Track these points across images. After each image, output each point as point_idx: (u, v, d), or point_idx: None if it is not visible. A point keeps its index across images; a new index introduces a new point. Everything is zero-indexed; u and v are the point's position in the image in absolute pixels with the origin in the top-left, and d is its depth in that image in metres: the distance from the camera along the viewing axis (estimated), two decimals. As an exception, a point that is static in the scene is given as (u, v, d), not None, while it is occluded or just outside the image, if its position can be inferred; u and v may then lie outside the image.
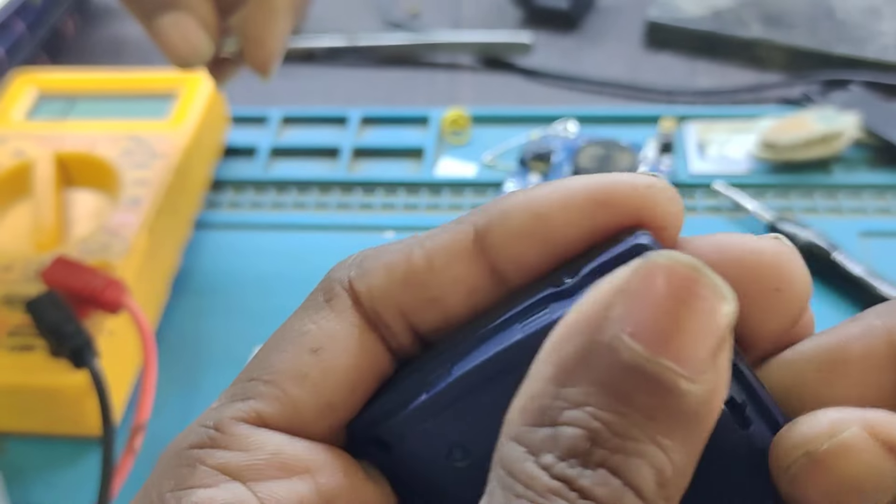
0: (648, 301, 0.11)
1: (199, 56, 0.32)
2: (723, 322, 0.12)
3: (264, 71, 0.33)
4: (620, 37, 0.54)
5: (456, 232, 0.14)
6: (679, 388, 0.11)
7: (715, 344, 0.12)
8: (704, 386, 0.11)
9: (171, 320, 0.39)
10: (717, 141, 0.45)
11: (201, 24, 0.32)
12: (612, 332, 0.11)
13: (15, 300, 0.35)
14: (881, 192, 0.42)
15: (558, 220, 0.13)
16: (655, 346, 0.11)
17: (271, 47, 0.33)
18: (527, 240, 0.14)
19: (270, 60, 0.33)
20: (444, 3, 0.58)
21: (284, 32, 0.33)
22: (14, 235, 0.39)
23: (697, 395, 0.11)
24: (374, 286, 0.14)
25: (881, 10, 0.51)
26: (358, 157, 0.47)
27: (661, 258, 0.12)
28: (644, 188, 0.13)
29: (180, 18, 0.32)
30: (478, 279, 0.14)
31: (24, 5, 0.52)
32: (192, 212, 0.43)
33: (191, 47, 0.32)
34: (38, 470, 0.34)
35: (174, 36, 0.32)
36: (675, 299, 0.11)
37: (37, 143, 0.42)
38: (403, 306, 0.14)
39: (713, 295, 0.12)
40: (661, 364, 0.11)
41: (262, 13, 0.32)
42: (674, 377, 0.11)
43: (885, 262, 0.39)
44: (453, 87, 0.52)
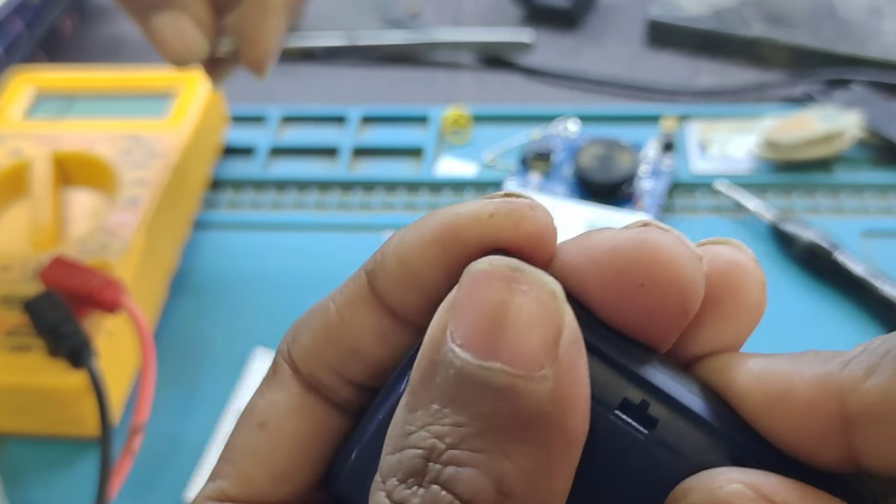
0: (471, 308, 0.11)
1: (194, 55, 0.32)
2: (552, 315, 0.11)
3: (259, 70, 0.34)
4: (621, 35, 0.54)
5: (356, 282, 0.14)
6: (516, 389, 0.11)
7: (548, 337, 0.11)
8: (546, 383, 0.11)
9: (170, 320, 0.39)
10: (719, 140, 0.45)
11: (196, 23, 0.32)
12: (445, 347, 0.11)
13: (13, 300, 0.35)
14: (883, 192, 0.42)
15: (418, 265, 0.13)
16: (484, 351, 0.11)
17: (266, 46, 0.33)
18: (401, 286, 0.14)
19: (265, 59, 0.33)
20: (444, 2, 0.58)
21: (279, 31, 0.33)
22: (12, 235, 0.39)
23: (539, 393, 0.11)
24: (303, 350, 0.14)
25: (883, 9, 0.51)
26: (358, 156, 0.46)
27: (477, 266, 0.12)
28: (486, 218, 0.13)
29: (175, 17, 0.32)
30: (382, 324, 0.14)
31: (22, 4, 0.52)
32: (191, 211, 0.42)
33: (186, 46, 0.32)
34: (36, 470, 0.34)
35: (169, 35, 0.32)
36: (494, 301, 0.11)
37: (35, 142, 0.41)
38: (332, 363, 0.14)
39: (535, 290, 0.11)
40: (491, 368, 0.11)
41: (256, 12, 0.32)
42: (508, 378, 0.11)
43: (888, 261, 0.38)
44: (453, 85, 0.51)
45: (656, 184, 0.42)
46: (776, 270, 0.39)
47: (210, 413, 0.35)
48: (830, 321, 0.37)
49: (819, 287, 0.38)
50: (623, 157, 0.42)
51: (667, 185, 0.42)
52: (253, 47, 0.33)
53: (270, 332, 0.38)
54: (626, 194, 0.41)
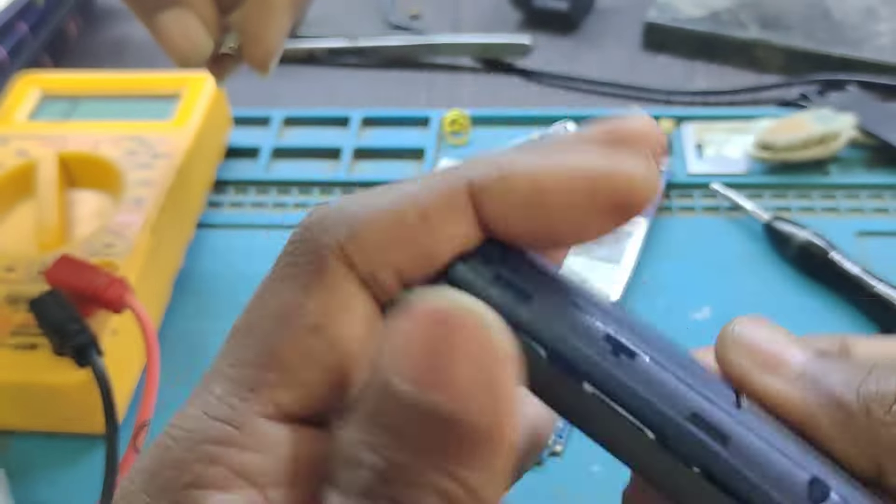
0: (412, 343, 0.12)
1: (199, 53, 0.32)
2: (487, 349, 0.12)
3: (263, 68, 0.34)
4: (619, 38, 0.55)
5: (450, 189, 0.14)
6: (459, 420, 0.12)
7: (484, 369, 0.12)
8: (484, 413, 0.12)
9: (174, 319, 0.39)
10: (716, 142, 0.45)
11: (201, 21, 0.32)
12: (385, 373, 0.12)
13: (19, 299, 0.35)
14: (878, 192, 0.43)
15: (559, 201, 0.13)
16: (423, 384, 0.12)
17: (270, 44, 0.33)
18: (523, 211, 0.14)
19: (269, 57, 0.33)
20: (444, 6, 0.58)
21: (283, 30, 0.33)
22: (18, 235, 0.39)
23: (480, 422, 0.12)
24: (369, 250, 0.14)
25: (878, 11, 0.52)
26: (359, 157, 0.47)
27: (416, 300, 0.12)
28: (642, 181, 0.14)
29: (181, 15, 0.32)
30: (470, 234, 0.14)
31: (27, 7, 0.52)
32: (195, 212, 0.43)
33: (191, 44, 0.32)
34: (41, 468, 0.34)
35: (175, 33, 0.32)
36: (432, 339, 0.12)
37: (40, 143, 0.42)
38: (399, 265, 0.14)
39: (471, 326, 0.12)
40: (430, 400, 0.12)
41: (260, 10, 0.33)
42: (446, 409, 0.12)
43: (882, 261, 0.39)
44: (453, 88, 0.52)
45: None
46: (772, 269, 0.39)
47: (214, 410, 0.36)
48: (825, 320, 0.37)
49: (814, 286, 0.39)
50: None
51: (663, 185, 0.43)
52: (257, 45, 0.33)
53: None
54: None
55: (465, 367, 0.12)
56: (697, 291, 0.39)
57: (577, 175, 0.13)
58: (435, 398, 0.12)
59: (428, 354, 0.12)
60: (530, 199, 0.14)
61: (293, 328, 0.13)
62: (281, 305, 0.14)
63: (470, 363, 0.12)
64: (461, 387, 0.12)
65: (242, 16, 0.33)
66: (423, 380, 0.12)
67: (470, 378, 0.12)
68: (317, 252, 0.14)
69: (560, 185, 0.13)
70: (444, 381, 0.12)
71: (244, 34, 0.33)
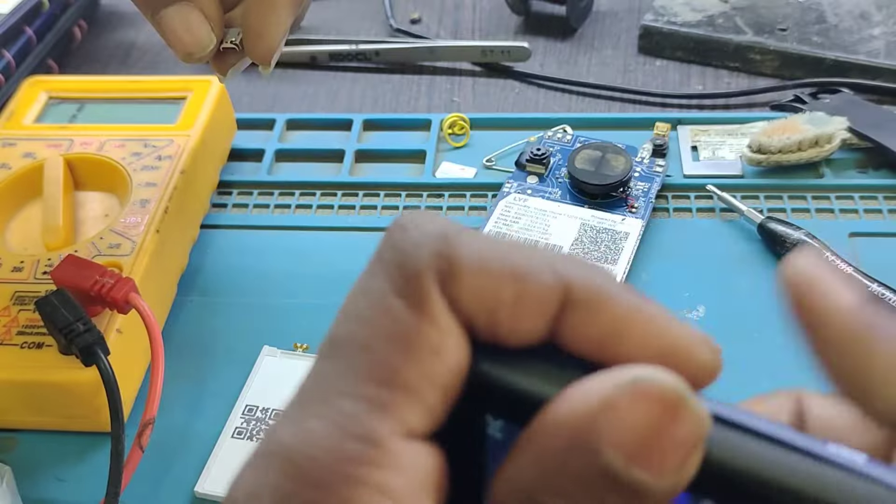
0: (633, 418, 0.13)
1: (202, 48, 0.33)
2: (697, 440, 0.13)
3: (265, 62, 0.34)
4: (616, 43, 0.55)
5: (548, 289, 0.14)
6: (646, 489, 0.13)
7: (689, 455, 0.13)
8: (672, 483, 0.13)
9: (179, 318, 0.40)
10: (711, 144, 0.46)
11: (205, 16, 0.32)
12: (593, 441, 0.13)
13: (25, 299, 0.36)
14: (871, 194, 0.43)
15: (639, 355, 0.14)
16: (634, 458, 0.13)
17: (272, 39, 0.33)
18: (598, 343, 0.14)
19: (271, 52, 0.34)
20: (444, 11, 0.59)
21: (284, 25, 0.33)
22: (25, 236, 0.39)
23: (664, 491, 0.13)
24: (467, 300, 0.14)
25: (871, 14, 0.52)
26: (360, 160, 0.47)
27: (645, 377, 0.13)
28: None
29: (184, 10, 0.32)
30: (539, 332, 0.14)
31: (32, 11, 0.53)
32: (200, 213, 0.43)
33: (194, 39, 0.32)
34: (48, 465, 0.35)
35: (178, 28, 0.32)
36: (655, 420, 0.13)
37: (47, 146, 0.42)
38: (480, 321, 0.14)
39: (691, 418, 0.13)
40: (636, 474, 0.13)
41: (262, 6, 0.33)
42: (643, 479, 0.13)
43: (874, 261, 0.39)
44: (453, 91, 0.53)
45: (649, 187, 0.43)
46: (766, 270, 0.40)
47: (219, 408, 0.36)
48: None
49: (808, 286, 0.39)
50: (617, 161, 0.43)
51: (659, 188, 0.43)
52: (259, 40, 0.33)
53: (276, 330, 0.39)
54: (620, 197, 0.42)
55: (677, 451, 0.13)
56: (692, 291, 0.39)
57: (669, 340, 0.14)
58: (642, 476, 0.13)
59: (648, 434, 0.13)
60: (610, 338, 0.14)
61: (416, 350, 0.13)
62: (397, 326, 0.14)
63: (680, 448, 0.13)
64: (668, 467, 0.13)
65: (244, 11, 0.33)
66: (637, 457, 0.13)
67: (678, 461, 0.13)
68: (420, 279, 0.14)
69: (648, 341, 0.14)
70: (655, 461, 0.13)
71: (246, 29, 0.33)
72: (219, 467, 0.34)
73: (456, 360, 0.14)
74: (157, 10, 0.32)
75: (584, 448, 0.13)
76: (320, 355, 0.15)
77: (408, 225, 0.15)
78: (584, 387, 0.13)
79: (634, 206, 0.42)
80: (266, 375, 0.37)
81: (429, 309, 0.14)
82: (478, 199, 0.45)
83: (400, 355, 0.13)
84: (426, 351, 0.13)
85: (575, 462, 0.13)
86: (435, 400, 0.14)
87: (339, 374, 0.14)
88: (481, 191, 0.45)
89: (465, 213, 0.44)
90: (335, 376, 0.14)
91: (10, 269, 0.37)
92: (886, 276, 0.38)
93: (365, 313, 0.14)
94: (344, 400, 0.13)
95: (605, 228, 0.41)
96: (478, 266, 0.14)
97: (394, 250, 0.14)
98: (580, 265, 0.14)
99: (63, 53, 0.56)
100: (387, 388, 0.13)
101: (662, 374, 0.13)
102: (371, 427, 0.13)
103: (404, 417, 0.13)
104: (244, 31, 0.33)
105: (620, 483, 0.13)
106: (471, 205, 0.44)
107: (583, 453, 0.13)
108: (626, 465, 0.12)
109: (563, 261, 0.14)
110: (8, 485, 0.32)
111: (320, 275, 0.41)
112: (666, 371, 0.13)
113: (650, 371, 0.13)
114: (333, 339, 0.14)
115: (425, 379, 0.13)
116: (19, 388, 0.34)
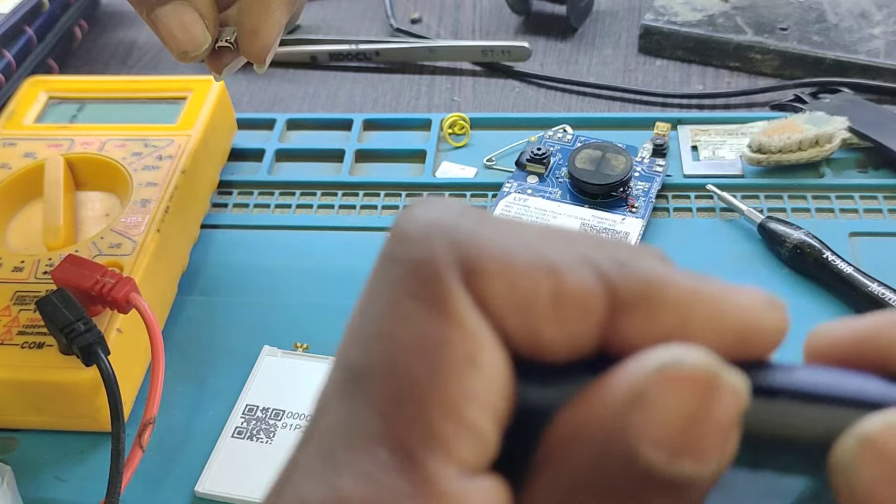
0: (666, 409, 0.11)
1: (198, 47, 0.33)
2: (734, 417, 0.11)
3: (260, 61, 0.34)
4: (617, 42, 0.55)
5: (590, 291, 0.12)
6: (693, 480, 0.11)
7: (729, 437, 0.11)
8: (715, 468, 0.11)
9: (179, 318, 0.40)
10: (711, 144, 0.46)
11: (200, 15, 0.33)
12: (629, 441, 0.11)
13: (26, 299, 0.36)
14: (871, 194, 0.43)
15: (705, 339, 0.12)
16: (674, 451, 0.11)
17: (266, 38, 0.33)
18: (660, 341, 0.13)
19: (265, 51, 0.34)
20: (444, 10, 0.59)
21: (279, 23, 0.34)
22: (25, 236, 0.40)
23: (708, 478, 0.11)
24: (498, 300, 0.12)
25: (872, 14, 0.52)
26: (361, 159, 0.48)
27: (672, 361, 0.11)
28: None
29: (180, 10, 0.32)
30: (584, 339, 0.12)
31: (32, 11, 0.53)
32: (200, 213, 0.43)
33: (190, 38, 0.33)
34: (48, 465, 0.35)
35: (174, 27, 0.32)
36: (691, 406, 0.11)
37: (47, 146, 0.42)
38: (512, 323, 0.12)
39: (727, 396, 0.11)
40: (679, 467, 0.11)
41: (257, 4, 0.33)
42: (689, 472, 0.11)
43: (875, 261, 0.40)
44: (454, 91, 0.53)
45: (650, 186, 0.43)
46: (766, 269, 0.40)
47: (219, 408, 0.36)
48: (818, 319, 0.38)
49: (808, 286, 0.39)
50: (617, 161, 0.43)
51: (660, 187, 0.43)
52: (254, 39, 0.33)
53: (276, 330, 0.39)
54: (620, 197, 0.42)
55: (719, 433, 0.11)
56: (693, 291, 0.39)
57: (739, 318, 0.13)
58: (687, 468, 0.11)
59: (688, 423, 0.11)
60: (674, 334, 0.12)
61: (448, 365, 0.11)
62: (420, 339, 0.11)
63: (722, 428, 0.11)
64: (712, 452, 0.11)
65: (239, 10, 0.34)
66: (679, 450, 0.11)
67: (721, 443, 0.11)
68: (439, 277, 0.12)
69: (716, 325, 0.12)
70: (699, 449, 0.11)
71: (241, 28, 0.33)
72: (219, 467, 0.34)
73: (496, 373, 0.12)
74: (152, 8, 0.33)
75: (619, 452, 0.11)
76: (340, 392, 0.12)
77: (418, 213, 0.12)
78: (605, 383, 0.12)
79: (635, 206, 0.42)
80: (266, 375, 0.37)
81: (454, 311, 0.11)
82: (478, 199, 0.45)
83: (430, 375, 0.11)
84: (460, 363, 0.11)
85: (611, 470, 0.11)
86: (483, 421, 0.11)
87: (363, 413, 0.11)
88: (481, 191, 0.45)
89: (466, 212, 0.44)
90: (359, 415, 0.11)
91: (10, 268, 0.37)
92: (886, 276, 0.38)
93: (380, 328, 0.12)
94: (376, 447, 0.11)
95: (606, 228, 0.41)
96: (504, 257, 0.12)
97: (404, 244, 0.12)
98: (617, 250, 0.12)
99: (63, 53, 0.56)
100: (424, 420, 0.11)
101: (690, 352, 0.11)
102: (416, 477, 0.11)
103: (454, 452, 0.11)
104: (239, 29, 0.34)
105: (665, 481, 0.11)
106: (471, 204, 0.44)
107: (618, 458, 0.11)
108: (669, 462, 0.11)
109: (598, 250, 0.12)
110: (8, 485, 0.32)
111: (321, 274, 0.41)
112: (692, 346, 0.11)
113: (675, 351, 0.11)
114: (351, 368, 0.12)
115: (466, 398, 0.11)
116: (20, 388, 0.34)
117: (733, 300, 0.13)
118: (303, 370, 0.37)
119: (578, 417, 0.12)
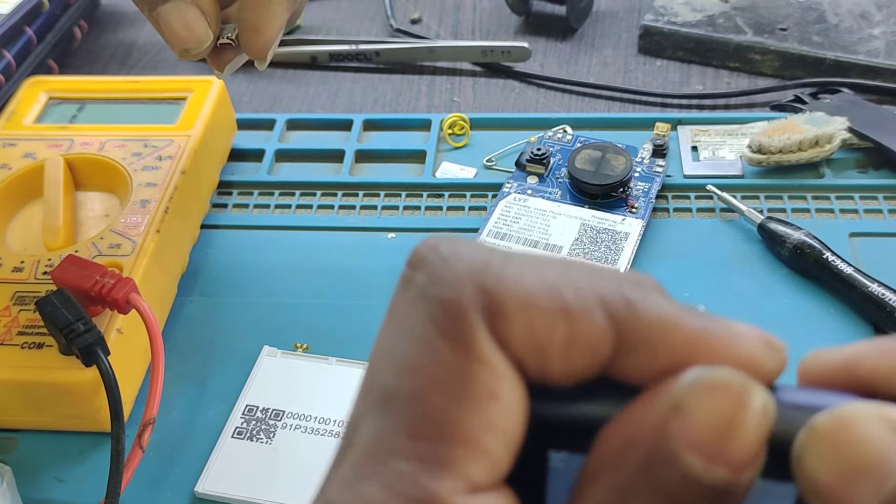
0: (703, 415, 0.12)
1: (199, 44, 0.33)
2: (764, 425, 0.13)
3: (261, 57, 0.34)
4: (616, 43, 0.55)
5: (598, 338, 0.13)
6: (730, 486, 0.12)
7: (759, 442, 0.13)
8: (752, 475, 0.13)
9: (179, 318, 0.40)
10: (711, 144, 0.46)
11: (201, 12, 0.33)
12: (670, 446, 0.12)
13: (26, 299, 0.36)
14: (871, 194, 0.43)
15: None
16: (712, 456, 0.12)
17: (267, 35, 0.33)
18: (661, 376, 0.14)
19: (266, 47, 0.34)
20: (444, 11, 0.59)
21: (280, 20, 0.34)
22: (25, 236, 0.40)
23: (742, 487, 0.13)
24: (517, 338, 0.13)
25: (872, 14, 0.52)
26: (361, 160, 0.48)
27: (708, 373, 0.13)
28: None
29: (181, 7, 0.32)
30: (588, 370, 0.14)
31: (32, 11, 0.53)
32: (200, 213, 0.43)
33: (192, 35, 0.33)
34: (48, 465, 0.35)
35: (175, 24, 0.32)
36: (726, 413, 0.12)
37: (47, 146, 0.42)
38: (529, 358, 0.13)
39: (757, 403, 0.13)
40: (715, 472, 0.12)
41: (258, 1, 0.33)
42: (727, 478, 0.12)
43: (875, 261, 0.40)
44: (454, 91, 0.53)
45: (650, 187, 0.43)
46: (766, 270, 0.40)
47: (219, 408, 0.36)
48: (819, 320, 0.38)
49: (808, 286, 0.39)
50: (617, 161, 0.43)
51: (659, 188, 0.43)
52: (255, 36, 0.33)
53: (276, 330, 0.39)
54: (620, 197, 0.42)
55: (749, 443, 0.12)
56: (692, 291, 0.39)
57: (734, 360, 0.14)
58: (723, 473, 0.12)
59: (723, 427, 0.12)
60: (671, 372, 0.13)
61: (471, 397, 0.13)
62: (448, 373, 0.13)
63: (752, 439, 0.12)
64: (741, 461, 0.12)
65: (241, 7, 0.34)
66: (716, 454, 0.12)
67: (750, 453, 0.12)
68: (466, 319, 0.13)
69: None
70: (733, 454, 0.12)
71: (242, 25, 0.33)
72: (219, 467, 0.34)
73: (514, 404, 0.13)
74: (154, 6, 0.33)
75: (662, 458, 0.12)
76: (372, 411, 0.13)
77: (446, 253, 0.14)
78: (648, 398, 0.13)
79: (634, 207, 0.42)
80: (266, 375, 0.37)
81: (479, 351, 0.13)
82: (478, 200, 0.45)
83: (455, 404, 0.13)
84: (482, 397, 0.13)
85: (655, 475, 0.12)
86: (498, 448, 0.13)
87: (391, 431, 0.13)
88: (481, 191, 0.45)
89: (465, 213, 0.44)
90: (388, 433, 0.13)
91: (10, 269, 0.37)
92: (886, 276, 0.38)
93: (411, 359, 0.13)
94: (399, 460, 0.13)
95: (606, 228, 0.41)
96: (525, 301, 0.13)
97: (433, 283, 0.13)
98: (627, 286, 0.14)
99: (63, 53, 0.56)
100: (444, 442, 0.12)
101: (722, 369, 0.13)
102: (431, 489, 0.12)
103: (467, 473, 0.12)
104: (240, 26, 0.34)
105: (704, 487, 0.12)
106: (471, 205, 0.44)
107: (661, 464, 0.12)
108: (707, 467, 0.12)
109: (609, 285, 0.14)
110: (8, 485, 0.32)
111: (321, 274, 0.41)
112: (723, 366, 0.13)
113: (708, 368, 0.13)
114: (384, 391, 0.13)
115: (485, 427, 0.13)
116: (19, 388, 0.34)
117: (733, 345, 0.14)
118: (303, 370, 0.37)
119: (627, 430, 0.13)
